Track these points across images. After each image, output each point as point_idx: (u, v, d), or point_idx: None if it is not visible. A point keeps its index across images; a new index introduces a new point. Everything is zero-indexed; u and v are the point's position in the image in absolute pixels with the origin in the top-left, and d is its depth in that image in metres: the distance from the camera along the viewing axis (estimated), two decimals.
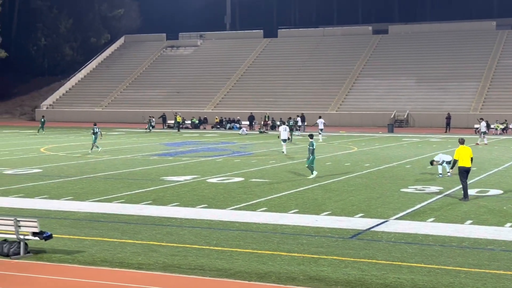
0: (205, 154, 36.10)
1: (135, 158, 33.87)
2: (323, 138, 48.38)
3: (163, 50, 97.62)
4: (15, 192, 21.39)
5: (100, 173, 26.66)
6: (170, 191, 21.62)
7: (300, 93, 78.41)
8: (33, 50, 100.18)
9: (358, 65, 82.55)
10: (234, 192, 21.48)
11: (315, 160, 25.62)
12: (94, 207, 18.64)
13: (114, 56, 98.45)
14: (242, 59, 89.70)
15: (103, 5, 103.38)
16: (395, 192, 21.43)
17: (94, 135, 37.54)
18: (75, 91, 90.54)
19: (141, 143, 45.61)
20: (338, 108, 74.37)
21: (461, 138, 21.12)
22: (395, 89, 76.08)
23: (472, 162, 20.16)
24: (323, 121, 50.43)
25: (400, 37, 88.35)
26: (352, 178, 25.32)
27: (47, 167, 29.00)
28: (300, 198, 20.26)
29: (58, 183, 23.76)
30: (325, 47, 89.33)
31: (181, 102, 79.98)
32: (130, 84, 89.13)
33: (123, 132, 59.52)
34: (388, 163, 31.14)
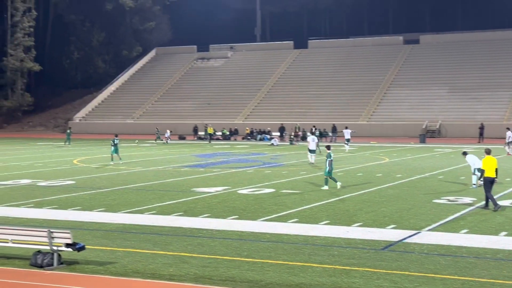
0: (236, 165, 36.14)
1: (166, 169, 34.05)
2: (349, 149, 48.15)
3: (194, 62, 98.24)
4: (49, 203, 21.64)
5: (132, 185, 26.84)
6: (201, 203, 21.67)
7: (331, 104, 78.19)
8: (66, 63, 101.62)
9: (389, 75, 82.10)
10: (265, 203, 21.45)
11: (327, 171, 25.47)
12: (126, 218, 18.76)
13: (146, 69, 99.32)
14: (273, 70, 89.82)
15: (135, 18, 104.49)
16: (428, 203, 21.21)
17: (114, 147, 37.89)
18: (107, 103, 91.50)
19: (172, 154, 45.84)
20: (369, 119, 73.98)
21: (487, 148, 20.97)
22: (427, 99, 75.43)
23: (497, 174, 19.94)
24: (349, 131, 50.21)
25: (432, 46, 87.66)
26: (384, 189, 25.13)
27: (80, 179, 29.30)
28: (331, 209, 20.16)
29: (90, 194, 23.99)
30: (356, 57, 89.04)
31: (211, 113, 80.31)
32: (162, 96, 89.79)
33: (155, 144, 59.90)
34: (420, 173, 30.85)
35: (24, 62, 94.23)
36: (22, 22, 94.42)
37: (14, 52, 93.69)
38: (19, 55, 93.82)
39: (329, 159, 25.04)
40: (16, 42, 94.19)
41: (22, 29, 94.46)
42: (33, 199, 22.69)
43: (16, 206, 21.17)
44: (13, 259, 13.62)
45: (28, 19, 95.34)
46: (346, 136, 49.34)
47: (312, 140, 36.89)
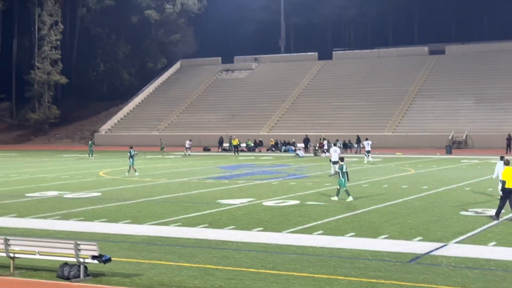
0: (261, 177, 36.12)
1: (191, 181, 34.14)
2: (369, 160, 47.95)
3: (218, 73, 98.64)
4: (75, 215, 21.79)
5: (157, 197, 26.94)
6: (226, 214, 21.67)
7: (356, 115, 77.96)
8: (93, 76, 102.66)
9: (414, 86, 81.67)
10: (290, 215, 21.38)
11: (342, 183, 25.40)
12: (151, 230, 18.81)
13: (171, 81, 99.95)
14: (297, 82, 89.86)
15: (160, 30, 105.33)
16: (455, 215, 20.99)
17: (131, 158, 38.10)
18: (132, 115, 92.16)
19: (197, 166, 45.96)
20: (394, 130, 73.58)
21: (506, 159, 20.98)
22: (453, 110, 74.85)
23: None
24: (370, 143, 50.08)
25: (458, 57, 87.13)
26: (410, 200, 24.93)
27: (106, 191, 29.48)
28: (357, 221, 20.03)
29: (116, 206, 24.11)
30: (381, 68, 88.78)
31: (236, 125, 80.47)
32: (186, 108, 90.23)
33: (179, 156, 60.12)
34: (447, 185, 30.56)
35: (51, 75, 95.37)
36: (49, 35, 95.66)
37: (41, 65, 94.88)
38: (46, 68, 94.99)
39: (341, 171, 24.98)
40: (43, 55, 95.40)
41: (49, 42, 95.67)
42: (60, 211, 22.87)
43: (43, 218, 21.35)
44: (40, 271, 13.72)
45: (55, 33, 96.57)
46: (366, 148, 49.29)
47: (334, 151, 36.80)
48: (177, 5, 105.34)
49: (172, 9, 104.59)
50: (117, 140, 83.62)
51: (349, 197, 24.86)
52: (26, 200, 26.28)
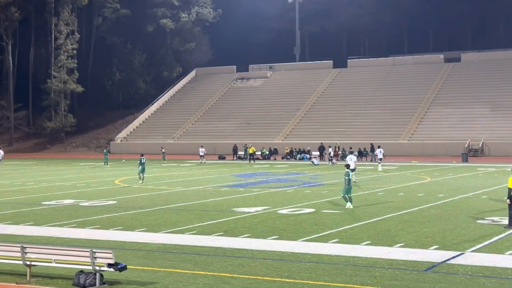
0: (276, 185, 36.11)
1: (206, 189, 34.19)
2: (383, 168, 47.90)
3: (233, 82, 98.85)
4: (91, 223, 21.88)
5: (172, 205, 27.00)
6: (241, 223, 21.67)
7: (371, 123, 77.76)
8: (108, 84, 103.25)
9: (430, 94, 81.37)
10: (305, 223, 21.35)
11: (352, 190, 25.40)
12: (167, 238, 18.86)
13: (186, 89, 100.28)
14: (312, 90, 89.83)
15: (175, 39, 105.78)
16: (471, 224, 20.86)
17: (141, 166, 38.20)
18: (148, 123, 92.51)
19: (212, 174, 46.03)
20: (410, 138, 73.30)
21: None
22: (469, 117, 74.45)
23: None
24: (382, 151, 50.06)
25: (473, 64, 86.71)
26: (426, 209, 24.81)
27: (121, 199, 29.60)
28: (372, 229, 19.96)
29: (132, 214, 24.19)
30: (396, 76, 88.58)
31: (251, 133, 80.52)
32: (202, 116, 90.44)
33: (194, 164, 60.24)
34: (463, 193, 30.39)
35: (67, 84, 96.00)
36: (66, 44, 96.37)
37: (57, 74, 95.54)
38: (62, 77, 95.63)
39: (347, 177, 24.95)
40: (59, 64, 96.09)
41: (66, 52, 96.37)
42: (76, 219, 22.98)
43: (59, 226, 21.47)
44: (56, 279, 13.79)
45: (71, 42, 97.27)
46: (379, 156, 49.22)
47: (350, 159, 36.80)
48: (192, 14, 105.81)
49: (187, 18, 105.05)
50: (132, 148, 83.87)
51: (348, 203, 24.84)
52: (42, 208, 26.44)
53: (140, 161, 38.55)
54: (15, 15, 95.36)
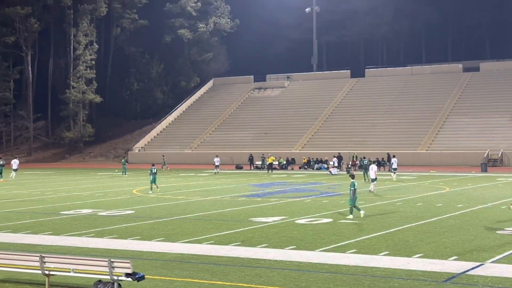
0: (293, 195, 36.03)
1: (223, 199, 34.18)
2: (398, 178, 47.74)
3: (250, 92, 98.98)
4: (109, 233, 21.94)
5: (190, 214, 27.01)
6: (258, 232, 21.62)
7: (389, 133, 77.48)
8: (126, 94, 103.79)
9: (448, 103, 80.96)
10: (323, 233, 21.26)
11: (357, 200, 25.34)
12: (184, 248, 18.85)
13: (203, 99, 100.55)
14: (330, 99, 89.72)
15: (193, 49, 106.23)
16: (491, 234, 20.66)
17: (152, 176, 38.37)
18: (166, 133, 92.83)
19: (229, 184, 46.04)
20: (428, 147, 72.90)
21: None
22: (488, 127, 73.94)
23: None
24: (396, 160, 50.00)
25: (492, 74, 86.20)
26: (445, 219, 24.62)
27: (139, 209, 29.66)
28: (391, 239, 19.83)
29: (149, 224, 24.23)
30: (414, 85, 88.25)
31: (268, 143, 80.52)
32: (219, 126, 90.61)
33: (212, 174, 60.27)
34: (483, 203, 30.14)
35: (86, 94, 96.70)
36: (84, 55, 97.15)
37: (76, 84, 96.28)
38: (81, 87, 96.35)
39: (352, 188, 24.85)
40: (78, 75, 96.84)
41: (84, 62, 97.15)
42: (94, 228, 23.05)
43: (77, 235, 21.55)
44: None
45: (90, 52, 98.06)
46: (393, 166, 49.06)
47: (371, 169, 36.76)
48: (210, 24, 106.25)
49: (205, 28, 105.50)
50: (150, 158, 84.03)
51: (350, 215, 24.81)
52: (61, 218, 26.56)
53: (151, 170, 38.65)
54: (35, 26, 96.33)
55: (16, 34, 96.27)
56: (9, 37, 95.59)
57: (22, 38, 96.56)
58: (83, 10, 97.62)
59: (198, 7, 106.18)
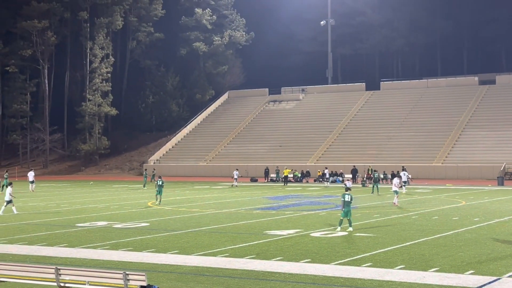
0: (308, 208, 35.94)
1: (238, 211, 34.16)
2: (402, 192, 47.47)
3: (265, 104, 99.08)
4: (124, 245, 21.97)
5: (205, 227, 27.01)
6: (273, 245, 21.57)
7: (404, 145, 77.18)
8: (142, 107, 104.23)
9: (464, 116, 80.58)
10: (338, 246, 21.18)
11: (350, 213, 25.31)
12: (199, 261, 18.84)
13: (218, 112, 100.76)
14: (345, 112, 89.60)
15: (208, 62, 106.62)
16: (508, 248, 20.47)
17: (158, 187, 39.02)
18: (181, 146, 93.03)
19: (244, 196, 46.01)
20: (444, 161, 72.50)
21: None
22: (505, 140, 73.46)
23: None
24: (406, 173, 49.95)
25: (509, 87, 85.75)
26: (461, 233, 24.44)
27: (154, 221, 29.70)
28: (406, 253, 19.71)
29: (164, 236, 24.24)
30: (430, 98, 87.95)
31: (283, 155, 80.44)
32: (234, 139, 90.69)
33: (227, 186, 60.27)
34: (499, 217, 29.90)
35: (102, 107, 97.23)
36: (100, 68, 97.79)
37: (92, 97, 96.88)
38: (97, 100, 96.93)
39: (342, 199, 25.07)
40: (94, 88, 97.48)
41: (100, 75, 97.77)
42: (109, 241, 23.11)
43: (92, 248, 21.60)
44: None
45: (106, 65, 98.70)
46: (403, 178, 48.81)
47: (395, 183, 36.99)
48: (225, 37, 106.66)
49: (220, 41, 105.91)
50: (165, 170, 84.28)
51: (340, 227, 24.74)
52: (76, 230, 26.65)
53: (157, 182, 39.33)
54: (52, 40, 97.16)
55: (33, 47, 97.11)
56: (26, 50, 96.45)
57: (39, 51, 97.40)
58: (99, 24, 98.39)
59: (213, 20, 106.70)
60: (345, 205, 25.14)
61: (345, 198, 25.25)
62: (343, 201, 25.34)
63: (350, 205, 25.22)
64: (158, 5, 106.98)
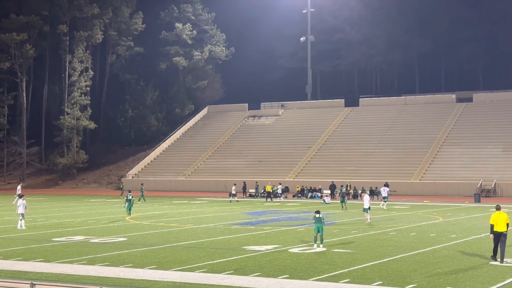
0: (287, 224, 35.92)
1: (217, 227, 34.05)
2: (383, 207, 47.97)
3: (245, 119, 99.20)
4: (101, 260, 21.78)
5: (183, 242, 26.88)
6: (251, 261, 21.52)
7: (382, 162, 77.60)
8: (121, 121, 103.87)
9: (442, 134, 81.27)
10: (316, 262, 21.17)
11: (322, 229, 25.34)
12: (177, 276, 18.72)
13: (198, 126, 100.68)
14: (324, 128, 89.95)
15: (188, 77, 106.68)
16: (484, 265, 20.61)
17: (127, 202, 39.87)
18: (159, 160, 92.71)
19: (223, 212, 45.89)
20: (422, 177, 72.97)
21: (497, 205, 22.39)
22: (481, 157, 74.16)
23: (507, 227, 21.38)
24: (387, 189, 50.69)
25: (485, 105, 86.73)
26: (438, 249, 24.56)
27: (132, 236, 29.50)
28: (384, 269, 19.76)
29: (142, 251, 24.08)
30: (408, 115, 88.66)
31: (262, 171, 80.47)
32: (213, 154, 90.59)
33: (206, 201, 60.12)
34: (476, 234, 30.11)
35: (80, 120, 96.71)
36: (79, 81, 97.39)
37: (70, 110, 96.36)
38: (75, 114, 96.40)
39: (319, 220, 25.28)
40: (72, 101, 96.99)
41: (79, 88, 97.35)
42: (86, 255, 22.90)
43: (69, 262, 21.39)
44: None
45: (85, 79, 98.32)
46: (383, 194, 49.83)
47: (365, 199, 36.89)
48: (205, 52, 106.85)
49: (200, 56, 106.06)
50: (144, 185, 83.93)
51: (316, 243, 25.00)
52: (53, 245, 26.39)
53: (126, 197, 39.77)
54: (30, 52, 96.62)
55: (11, 60, 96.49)
56: (4, 63, 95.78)
57: (17, 64, 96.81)
58: (79, 37, 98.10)
59: (194, 35, 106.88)
60: (316, 221, 25.17)
61: (315, 216, 25.35)
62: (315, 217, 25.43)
63: (321, 221, 25.18)
64: (138, 20, 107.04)
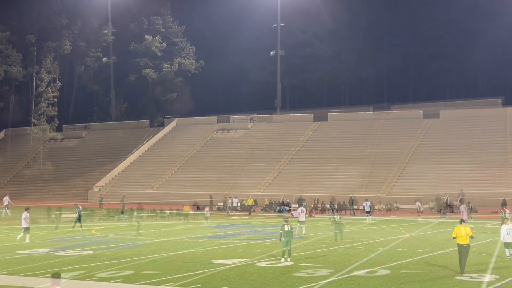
0: (255, 237, 35.87)
1: (184, 240, 33.86)
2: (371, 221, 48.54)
3: (214, 132, 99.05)
4: (66, 273, 21.47)
5: (150, 256, 26.66)
6: (219, 275, 21.42)
7: (350, 176, 77.96)
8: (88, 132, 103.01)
9: (409, 149, 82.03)
10: (283, 276, 21.14)
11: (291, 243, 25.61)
12: None
13: (167, 139, 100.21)
14: (293, 142, 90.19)
15: (157, 89, 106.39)
16: (450, 280, 20.78)
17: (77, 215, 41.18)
18: (127, 172, 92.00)
19: (191, 225, 45.66)
20: (389, 192, 73.48)
21: (461, 219, 24.20)
22: (448, 173, 74.93)
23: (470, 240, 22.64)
24: (369, 204, 51.36)
25: (452, 120, 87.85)
26: (404, 264, 24.71)
27: (98, 249, 29.17)
28: (351, 284, 19.80)
29: (108, 265, 23.82)
30: (376, 130, 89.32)
31: (231, 184, 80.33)
32: (181, 166, 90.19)
33: (174, 214, 59.76)
34: (442, 249, 30.37)
35: (47, 132, 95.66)
36: (47, 92, 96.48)
37: (37, 121, 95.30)
38: (42, 125, 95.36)
39: (280, 231, 25.53)
40: (39, 112, 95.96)
41: (46, 99, 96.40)
42: (51, 269, 22.55)
43: (33, 275, 21.05)
44: None
45: (52, 90, 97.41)
46: (366, 209, 50.51)
47: (302, 212, 37.90)
48: (175, 65, 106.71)
49: (170, 68, 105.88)
50: (111, 197, 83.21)
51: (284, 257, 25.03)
52: (17, 257, 25.97)
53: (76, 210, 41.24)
54: None
55: None
56: None
57: None
58: (47, 48, 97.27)
59: (163, 47, 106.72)
60: (285, 235, 25.24)
61: (284, 228, 25.40)
62: (281, 233, 25.51)
63: (290, 235, 25.31)
64: (108, 31, 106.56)
